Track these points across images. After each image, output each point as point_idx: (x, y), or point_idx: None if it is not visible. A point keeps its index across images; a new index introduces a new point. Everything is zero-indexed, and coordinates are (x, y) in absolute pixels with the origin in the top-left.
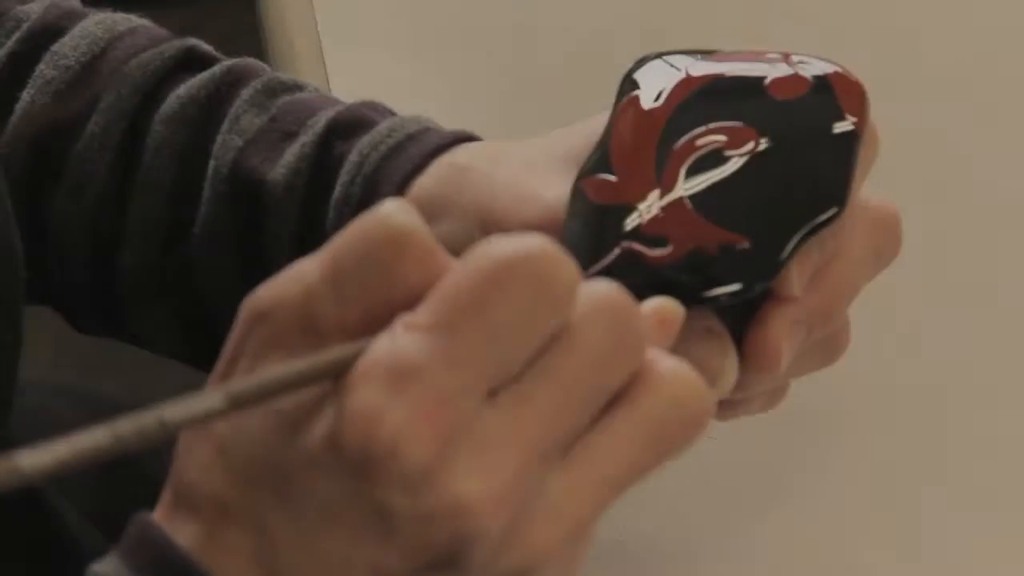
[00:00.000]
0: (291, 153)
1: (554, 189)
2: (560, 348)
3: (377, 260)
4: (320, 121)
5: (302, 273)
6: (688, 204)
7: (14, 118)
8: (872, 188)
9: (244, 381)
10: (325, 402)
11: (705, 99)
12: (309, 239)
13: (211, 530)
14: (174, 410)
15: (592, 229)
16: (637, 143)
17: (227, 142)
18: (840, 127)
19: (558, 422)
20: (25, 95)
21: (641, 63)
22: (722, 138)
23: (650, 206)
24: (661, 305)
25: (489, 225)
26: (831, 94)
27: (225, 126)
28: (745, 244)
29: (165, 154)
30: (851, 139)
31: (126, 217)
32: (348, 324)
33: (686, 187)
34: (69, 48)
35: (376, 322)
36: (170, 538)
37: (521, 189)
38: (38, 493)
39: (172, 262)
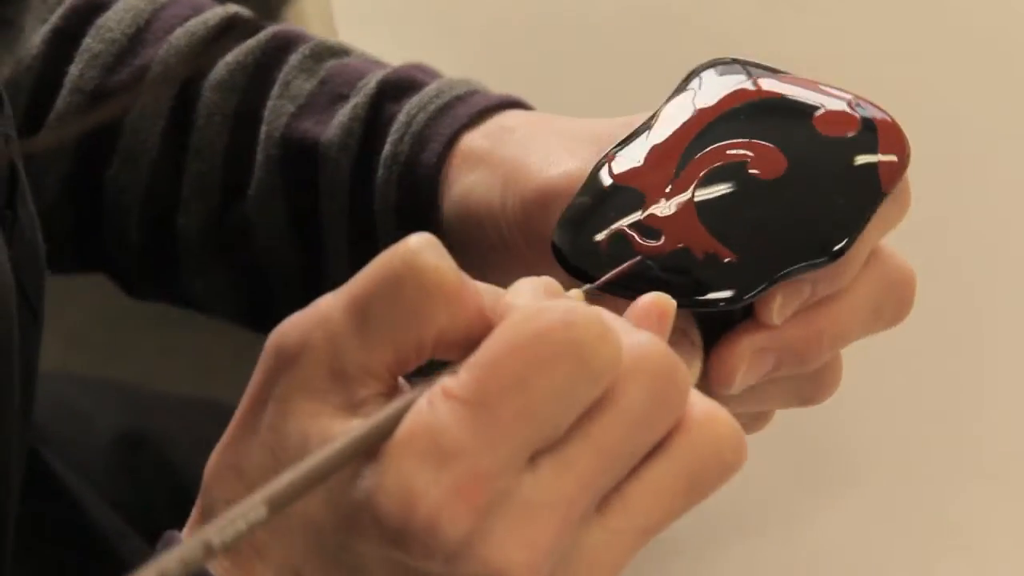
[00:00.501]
0: (343, 114)
1: (578, 161)
2: (602, 410)
3: (404, 302)
4: (370, 83)
5: (327, 314)
6: (694, 208)
7: (64, 92)
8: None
9: (279, 481)
10: (364, 466)
11: (753, 113)
12: (361, 196)
13: (246, 569)
14: (218, 531)
15: (599, 205)
16: (674, 137)
17: (278, 107)
18: (865, 171)
19: (598, 483)
20: (73, 70)
21: (715, 63)
22: (750, 154)
23: (659, 200)
24: (658, 299)
25: (510, 182)
26: (874, 140)
27: (275, 91)
28: (732, 259)
29: (217, 120)
30: (875, 194)
31: (181, 183)
32: (375, 368)
33: (699, 192)
34: (114, 21)
35: (404, 363)
36: (208, 571)
37: (549, 153)
38: (60, 484)
39: (227, 225)
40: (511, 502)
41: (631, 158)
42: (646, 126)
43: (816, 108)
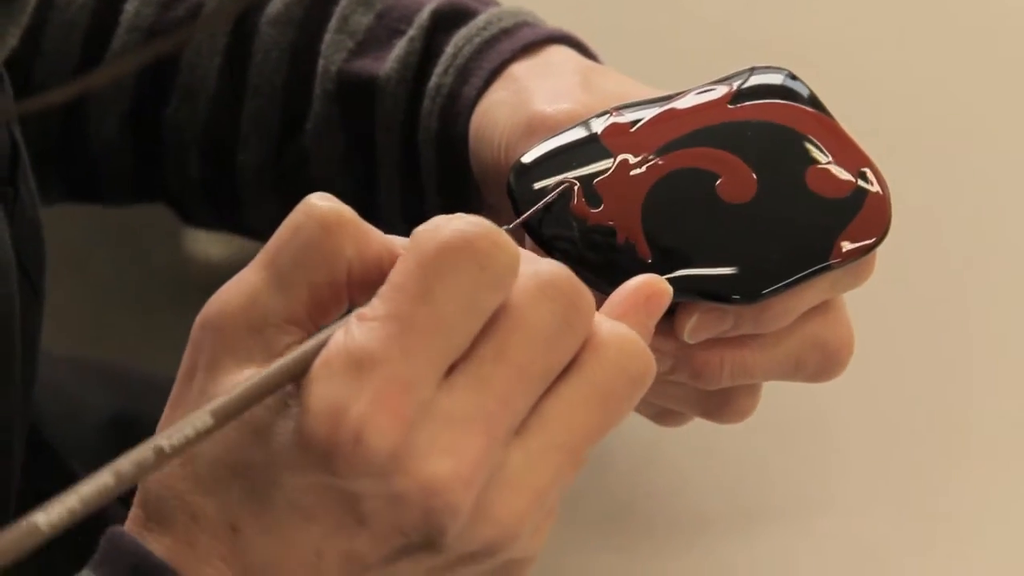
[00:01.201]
0: (400, 47)
1: (582, 107)
2: (511, 329)
3: (307, 242)
4: (424, 15)
5: (243, 279)
6: (644, 195)
7: (120, 30)
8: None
9: (223, 397)
10: (288, 402)
11: (761, 135)
12: (411, 128)
13: (185, 539)
14: (168, 438)
15: (569, 149)
16: (677, 120)
17: (337, 42)
18: (823, 236)
19: (514, 400)
20: (129, 7)
21: (774, 71)
22: (725, 172)
23: (622, 171)
24: (649, 281)
25: (517, 106)
26: (849, 217)
27: (333, 25)
28: (647, 258)
29: (274, 55)
30: (818, 262)
31: (240, 118)
32: (296, 314)
33: (659, 183)
34: None
35: (323, 306)
36: (144, 546)
37: (563, 89)
38: (60, 462)
39: (286, 157)
40: (433, 416)
41: (630, 121)
42: (668, 98)
43: (818, 162)
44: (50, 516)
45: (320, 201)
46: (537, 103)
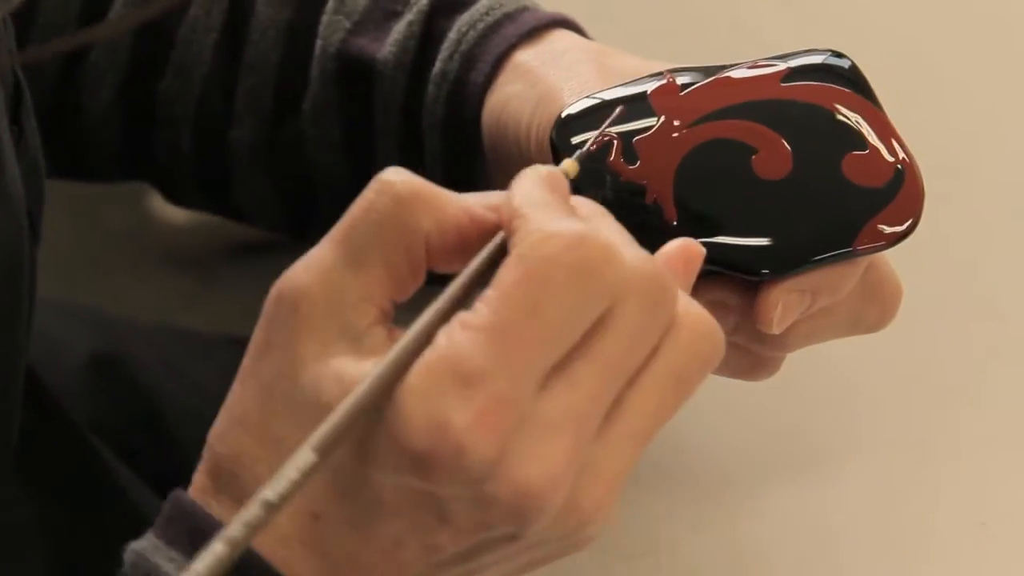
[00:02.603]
0: (398, 31)
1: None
2: (604, 329)
3: (382, 217)
4: None
5: (318, 256)
6: (679, 159)
7: (117, 5)
8: None
9: (322, 428)
10: (381, 403)
11: (805, 117)
12: (412, 113)
13: None
14: (274, 489)
15: (615, 105)
16: (727, 90)
17: (334, 23)
18: (850, 222)
19: (603, 397)
20: None
21: (831, 54)
22: (764, 146)
23: (663, 133)
24: (686, 246)
25: (542, 103)
26: (882, 203)
27: (331, 6)
28: (672, 222)
29: (271, 34)
30: (842, 246)
31: (234, 96)
32: (373, 293)
33: (695, 149)
34: None
35: (401, 283)
36: (204, 510)
37: (587, 83)
38: (53, 402)
39: (280, 137)
40: (529, 423)
41: (682, 84)
42: (723, 68)
43: (858, 149)
44: None
45: (393, 176)
46: (565, 96)
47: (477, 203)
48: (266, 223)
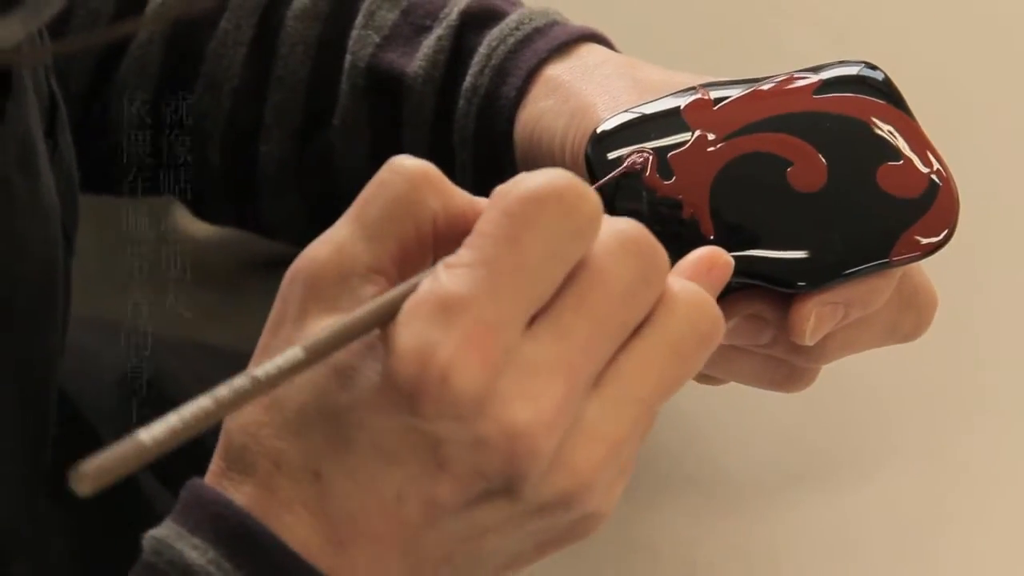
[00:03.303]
0: (427, 46)
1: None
2: (592, 283)
3: (395, 195)
4: (452, 13)
5: (332, 233)
6: (715, 172)
7: (146, 20)
8: None
9: (316, 334)
10: (374, 345)
11: (839, 128)
12: (442, 127)
13: (266, 485)
14: (262, 368)
15: (649, 120)
16: (762, 103)
17: (363, 37)
18: (886, 234)
19: (594, 351)
20: None
21: (864, 65)
22: (799, 159)
23: (698, 147)
24: (712, 253)
25: (576, 118)
26: (917, 214)
27: (359, 21)
28: (711, 235)
29: (300, 49)
30: (877, 257)
31: (263, 111)
32: (383, 265)
33: (732, 163)
34: None
35: (410, 258)
36: (225, 496)
37: (619, 97)
38: (82, 416)
39: (309, 152)
40: (516, 363)
41: (715, 99)
42: (755, 81)
43: (892, 160)
44: (153, 432)
45: (405, 159)
46: (599, 111)
47: (484, 200)
48: (294, 238)
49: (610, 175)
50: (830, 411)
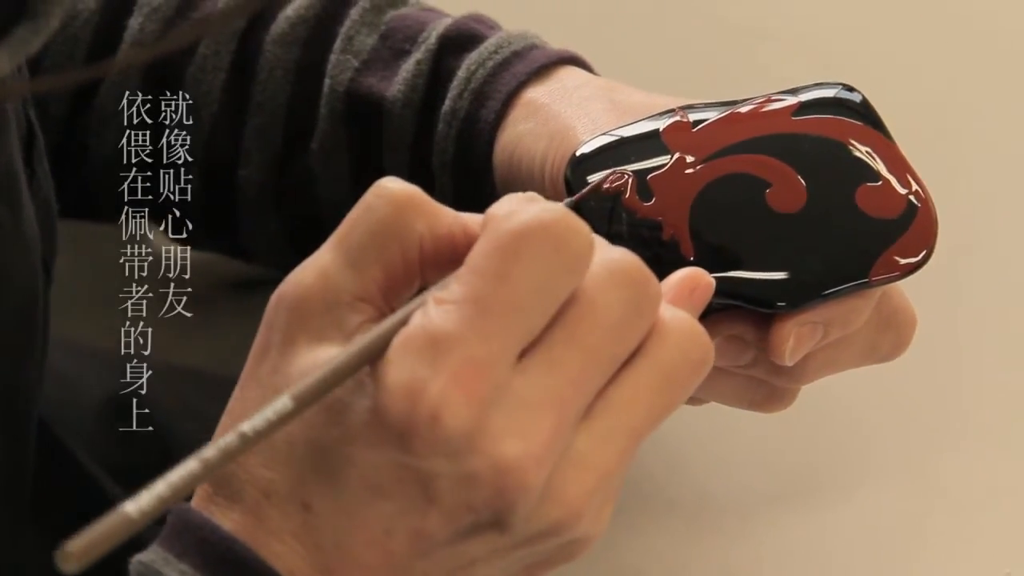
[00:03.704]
0: (406, 70)
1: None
2: (583, 315)
3: (380, 220)
4: (431, 37)
5: (316, 259)
6: (695, 194)
7: (124, 46)
8: None
9: (303, 381)
10: (364, 381)
11: (819, 149)
12: (421, 151)
13: (254, 513)
14: (250, 423)
15: (628, 143)
16: (740, 125)
17: (342, 62)
18: (864, 256)
19: (584, 384)
20: (133, 23)
21: (841, 87)
22: (778, 180)
23: (678, 169)
24: (694, 274)
25: (555, 141)
26: (896, 234)
27: (338, 45)
28: (691, 256)
29: (279, 74)
30: (856, 278)
31: (241, 136)
32: (369, 292)
33: (711, 185)
34: None
35: (396, 284)
36: (212, 521)
37: (598, 120)
38: (62, 448)
39: (289, 176)
40: (507, 398)
41: (693, 121)
42: (734, 103)
43: (870, 181)
44: (140, 504)
45: (390, 183)
46: (578, 133)
47: (471, 219)
48: (274, 262)
49: (584, 191)
50: (810, 432)
